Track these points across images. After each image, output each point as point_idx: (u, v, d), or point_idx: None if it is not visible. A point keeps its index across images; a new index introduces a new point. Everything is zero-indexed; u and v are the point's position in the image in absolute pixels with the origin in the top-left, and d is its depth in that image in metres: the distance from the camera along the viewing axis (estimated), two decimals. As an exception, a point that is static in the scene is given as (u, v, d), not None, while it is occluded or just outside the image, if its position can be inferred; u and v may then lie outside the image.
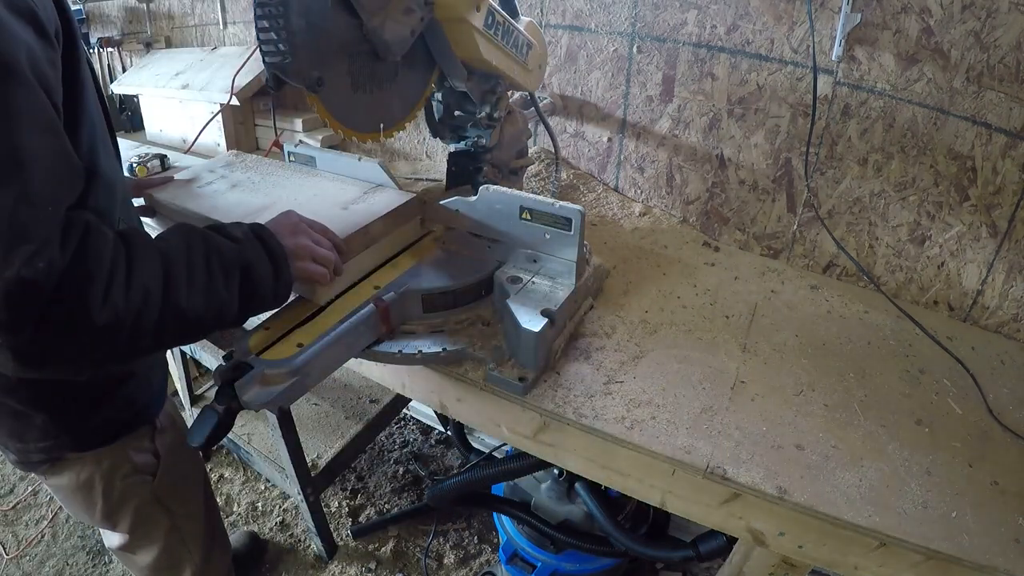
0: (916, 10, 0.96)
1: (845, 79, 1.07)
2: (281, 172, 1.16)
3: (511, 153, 1.21)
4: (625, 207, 1.42)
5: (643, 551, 1.21)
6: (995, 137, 0.95)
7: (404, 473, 2.12)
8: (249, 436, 2.00)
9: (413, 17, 0.88)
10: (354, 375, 2.22)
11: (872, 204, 1.11)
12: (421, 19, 0.89)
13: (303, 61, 0.79)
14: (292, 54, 0.77)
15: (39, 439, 0.89)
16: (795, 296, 1.13)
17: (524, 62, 1.11)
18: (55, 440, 0.90)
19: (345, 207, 0.99)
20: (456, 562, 1.82)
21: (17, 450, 0.91)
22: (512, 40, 1.04)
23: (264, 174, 1.15)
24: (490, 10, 0.95)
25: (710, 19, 1.18)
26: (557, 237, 0.92)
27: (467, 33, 0.93)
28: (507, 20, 1.01)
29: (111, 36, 2.42)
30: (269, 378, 0.74)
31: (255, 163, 1.22)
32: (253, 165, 1.21)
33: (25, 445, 0.90)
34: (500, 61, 1.03)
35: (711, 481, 0.73)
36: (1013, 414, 0.86)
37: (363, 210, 0.97)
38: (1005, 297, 1.02)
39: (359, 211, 0.97)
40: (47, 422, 0.87)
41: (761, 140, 1.19)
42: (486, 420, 0.89)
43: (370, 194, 1.03)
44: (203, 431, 0.71)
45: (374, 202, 1.00)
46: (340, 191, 1.05)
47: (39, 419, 0.87)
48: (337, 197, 1.03)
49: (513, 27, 1.04)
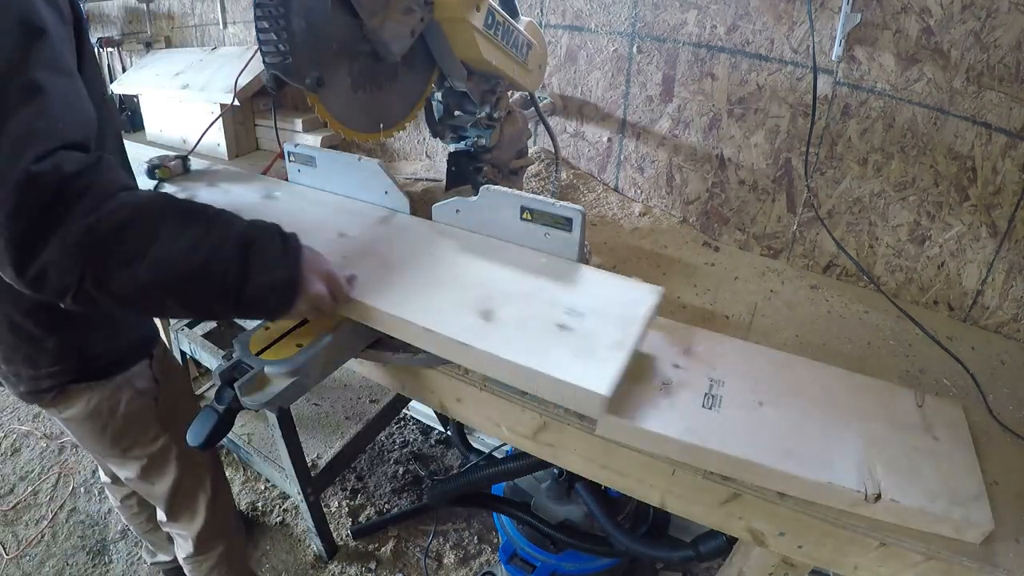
0: (916, 10, 0.96)
1: (845, 79, 1.07)
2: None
3: (511, 153, 1.21)
4: (625, 207, 1.42)
5: (643, 551, 1.21)
6: (995, 137, 0.95)
7: (404, 473, 2.12)
8: (249, 436, 2.00)
9: (413, 17, 0.88)
10: (354, 375, 2.22)
11: (872, 204, 1.11)
12: (421, 19, 0.89)
13: (303, 61, 0.79)
14: (292, 54, 0.77)
15: (50, 364, 0.96)
16: (795, 296, 1.13)
17: (524, 62, 1.11)
18: (63, 365, 0.96)
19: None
20: (456, 562, 1.82)
21: (29, 377, 0.97)
22: (512, 40, 1.04)
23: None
24: (490, 10, 0.95)
25: (710, 19, 1.18)
26: (557, 237, 0.92)
27: (467, 33, 0.93)
28: (507, 20, 1.01)
29: (111, 36, 2.42)
30: (269, 378, 0.75)
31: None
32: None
33: (37, 371, 0.96)
34: (500, 61, 1.02)
35: (711, 481, 0.73)
36: (1013, 414, 0.86)
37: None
38: (1005, 297, 1.02)
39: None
40: (57, 346, 0.94)
41: (761, 140, 1.19)
42: (486, 420, 0.89)
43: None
44: (203, 431, 0.71)
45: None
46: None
47: (51, 343, 0.94)
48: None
49: (513, 27, 1.03)
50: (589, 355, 0.72)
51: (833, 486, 0.68)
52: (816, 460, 0.70)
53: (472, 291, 0.84)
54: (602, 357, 0.72)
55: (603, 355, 0.72)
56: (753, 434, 0.73)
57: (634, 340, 0.75)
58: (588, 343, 0.74)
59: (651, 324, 0.81)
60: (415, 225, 1.03)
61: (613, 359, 0.71)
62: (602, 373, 0.69)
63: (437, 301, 0.82)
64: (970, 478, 0.70)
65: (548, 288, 0.85)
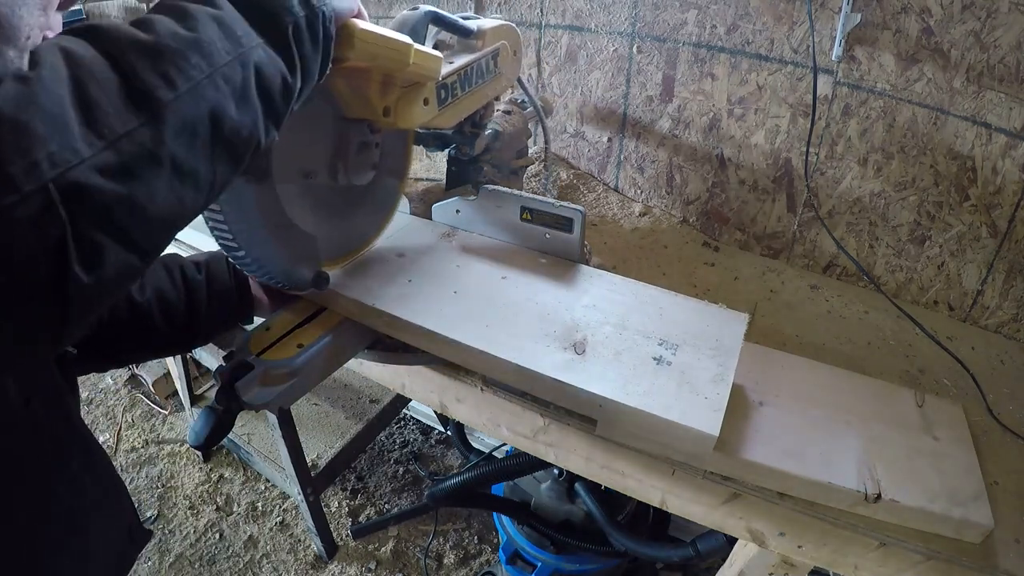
0: (916, 10, 0.96)
1: (845, 79, 1.07)
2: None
3: (511, 153, 1.21)
4: (625, 207, 1.42)
5: (643, 551, 1.21)
6: (995, 137, 0.95)
7: (404, 473, 2.12)
8: (249, 436, 2.00)
9: (370, 152, 0.82)
10: (354, 375, 2.22)
11: (872, 204, 1.11)
12: (376, 145, 0.83)
13: (289, 272, 0.78)
14: (276, 275, 0.76)
15: None
16: (795, 296, 1.13)
17: (495, 75, 0.98)
18: None
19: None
20: (456, 562, 1.82)
21: None
22: (474, 75, 0.91)
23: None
24: (439, 86, 0.81)
25: (710, 19, 1.18)
26: (557, 237, 0.92)
27: (425, 124, 0.84)
28: (463, 69, 0.87)
29: (111, 36, 2.41)
30: (269, 378, 0.74)
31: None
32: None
33: None
34: (469, 106, 0.92)
35: (711, 481, 0.73)
36: (1013, 414, 0.86)
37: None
38: (1005, 297, 1.02)
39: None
40: None
41: (761, 140, 1.19)
42: (486, 420, 0.89)
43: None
44: (203, 431, 0.71)
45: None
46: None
47: None
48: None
49: (471, 66, 0.89)
50: (692, 392, 0.72)
51: (833, 486, 0.68)
52: (816, 460, 0.70)
53: (551, 319, 0.82)
54: (705, 393, 0.71)
55: (705, 391, 0.72)
56: (753, 434, 0.73)
57: (733, 373, 0.75)
58: (687, 378, 0.73)
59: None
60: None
61: (716, 396, 0.71)
62: (708, 411, 0.69)
63: (518, 329, 0.79)
64: (970, 478, 0.70)
65: (633, 316, 0.83)
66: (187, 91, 0.42)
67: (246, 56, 0.47)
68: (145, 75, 0.41)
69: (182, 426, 2.30)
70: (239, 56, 0.46)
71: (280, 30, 0.50)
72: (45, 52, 0.39)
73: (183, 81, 0.42)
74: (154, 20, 0.44)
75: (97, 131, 0.38)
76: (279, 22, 0.50)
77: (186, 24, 0.45)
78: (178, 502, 2.03)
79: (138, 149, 0.39)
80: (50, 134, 0.35)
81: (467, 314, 0.81)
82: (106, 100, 0.39)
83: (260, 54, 0.48)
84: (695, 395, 0.71)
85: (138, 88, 0.40)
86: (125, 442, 2.25)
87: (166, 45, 0.42)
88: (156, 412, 2.38)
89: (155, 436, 2.29)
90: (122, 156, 0.39)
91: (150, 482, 2.09)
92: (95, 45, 0.41)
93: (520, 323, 0.81)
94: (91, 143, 0.37)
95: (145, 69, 0.41)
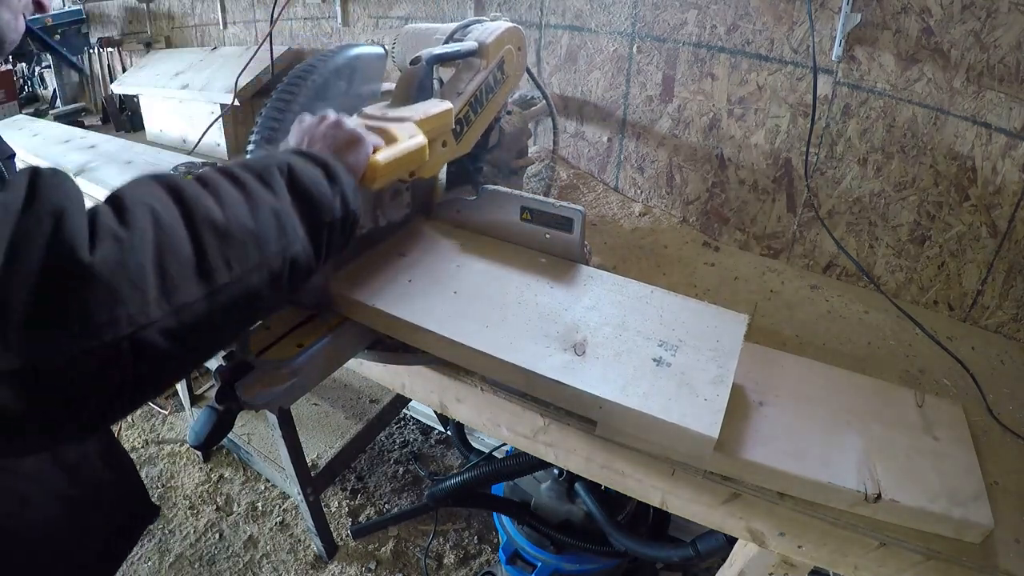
0: (916, 10, 0.96)
1: (845, 79, 1.07)
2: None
3: (511, 153, 1.21)
4: (625, 207, 1.42)
5: (643, 551, 1.21)
6: (995, 137, 0.95)
7: (404, 473, 2.12)
8: (249, 436, 2.00)
9: (402, 196, 0.93)
10: (354, 375, 2.22)
11: (872, 204, 1.11)
12: (407, 189, 0.93)
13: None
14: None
15: None
16: (795, 296, 1.13)
17: (503, 82, 1.00)
18: None
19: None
20: (456, 562, 1.82)
21: None
22: (484, 96, 0.94)
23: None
24: (456, 120, 0.84)
25: (710, 19, 1.18)
26: (557, 237, 0.92)
27: (448, 160, 0.92)
28: (475, 96, 0.89)
29: (111, 36, 2.42)
30: (269, 378, 0.74)
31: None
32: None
33: None
34: (484, 123, 0.96)
35: (711, 481, 0.73)
36: (1013, 414, 0.86)
37: None
38: (1005, 297, 1.02)
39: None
40: None
41: (761, 140, 1.19)
42: (486, 420, 0.89)
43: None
44: (203, 431, 0.71)
45: None
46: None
47: None
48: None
49: (480, 91, 0.91)
50: (691, 393, 0.71)
51: (833, 486, 0.68)
52: (816, 460, 0.70)
53: (551, 320, 0.81)
54: (704, 395, 0.71)
55: (705, 393, 0.72)
56: (753, 434, 0.73)
57: (732, 375, 0.75)
58: (687, 379, 0.73)
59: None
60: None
61: (716, 397, 0.71)
62: (708, 413, 0.69)
63: (513, 329, 0.79)
64: (970, 478, 0.70)
65: (633, 317, 0.83)
66: (239, 276, 0.51)
67: (289, 250, 0.56)
68: (213, 259, 0.48)
69: (182, 426, 2.30)
70: (283, 250, 0.55)
71: (320, 224, 0.60)
72: (137, 210, 0.46)
73: (238, 267, 0.50)
74: (225, 196, 0.52)
75: (168, 298, 0.45)
76: (321, 218, 0.60)
77: (252, 210, 0.53)
78: (178, 502, 2.03)
79: (193, 319, 0.47)
80: (131, 297, 0.42)
81: (467, 314, 0.81)
82: (179, 273, 0.46)
83: (298, 249, 0.57)
84: (695, 397, 0.71)
85: (205, 268, 0.48)
86: (125, 442, 2.25)
87: (234, 234, 0.51)
88: (156, 412, 2.38)
89: (155, 436, 2.29)
90: (181, 323, 0.46)
91: (150, 482, 2.10)
92: (180, 208, 0.48)
93: (520, 323, 0.80)
94: (161, 308, 0.44)
95: (214, 252, 0.49)
